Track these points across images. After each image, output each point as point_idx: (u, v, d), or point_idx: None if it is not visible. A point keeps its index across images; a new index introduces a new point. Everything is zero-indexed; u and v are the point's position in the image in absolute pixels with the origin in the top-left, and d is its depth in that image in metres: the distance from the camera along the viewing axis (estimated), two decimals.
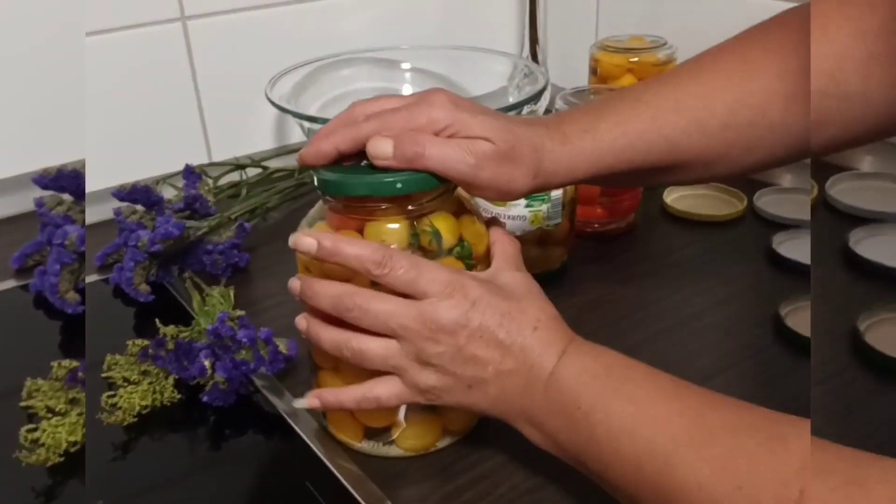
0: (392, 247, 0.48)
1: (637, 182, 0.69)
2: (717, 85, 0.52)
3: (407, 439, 0.53)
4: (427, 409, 0.52)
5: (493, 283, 0.49)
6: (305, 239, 0.48)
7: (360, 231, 0.49)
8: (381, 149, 0.48)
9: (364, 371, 0.49)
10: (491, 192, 0.51)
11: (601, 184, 0.60)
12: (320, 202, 0.52)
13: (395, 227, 0.49)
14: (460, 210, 0.52)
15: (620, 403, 0.43)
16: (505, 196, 0.51)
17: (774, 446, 0.37)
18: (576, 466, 0.46)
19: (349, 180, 0.48)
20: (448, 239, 0.50)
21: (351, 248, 0.47)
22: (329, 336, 0.49)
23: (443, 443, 0.54)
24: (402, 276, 0.46)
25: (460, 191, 0.53)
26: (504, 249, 0.52)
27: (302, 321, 0.51)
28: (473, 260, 0.51)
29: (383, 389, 0.49)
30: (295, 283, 0.50)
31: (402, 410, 0.53)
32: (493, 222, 0.54)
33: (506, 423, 0.49)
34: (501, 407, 0.48)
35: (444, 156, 0.48)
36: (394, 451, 0.54)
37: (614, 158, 0.52)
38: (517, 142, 0.49)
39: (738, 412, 0.41)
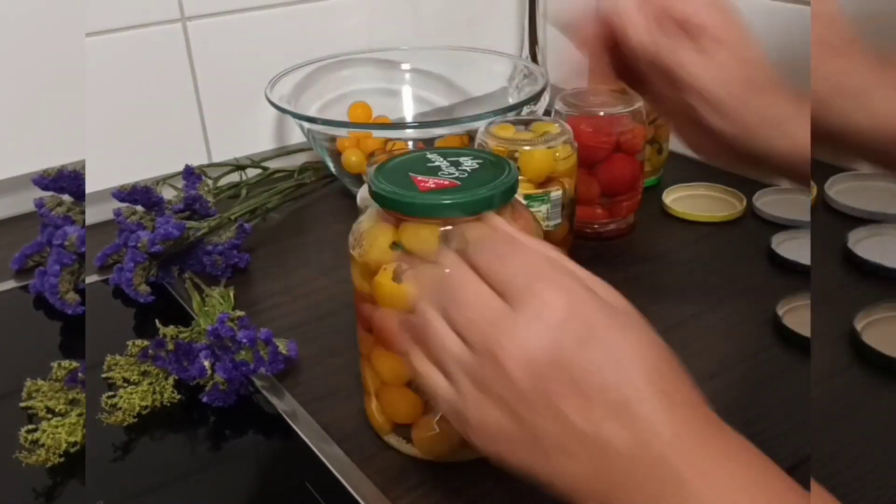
0: None
1: None
2: None
3: (424, 442, 0.53)
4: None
5: None
6: None
7: (396, 226, 0.49)
8: None
9: None
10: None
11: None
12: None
13: (427, 231, 0.48)
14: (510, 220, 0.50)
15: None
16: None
17: None
18: None
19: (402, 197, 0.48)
20: None
21: None
22: None
23: (463, 455, 0.52)
24: None
25: (516, 201, 0.51)
26: None
27: None
28: None
29: None
30: None
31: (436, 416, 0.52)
32: None
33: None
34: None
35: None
36: (412, 450, 0.54)
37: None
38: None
39: None
